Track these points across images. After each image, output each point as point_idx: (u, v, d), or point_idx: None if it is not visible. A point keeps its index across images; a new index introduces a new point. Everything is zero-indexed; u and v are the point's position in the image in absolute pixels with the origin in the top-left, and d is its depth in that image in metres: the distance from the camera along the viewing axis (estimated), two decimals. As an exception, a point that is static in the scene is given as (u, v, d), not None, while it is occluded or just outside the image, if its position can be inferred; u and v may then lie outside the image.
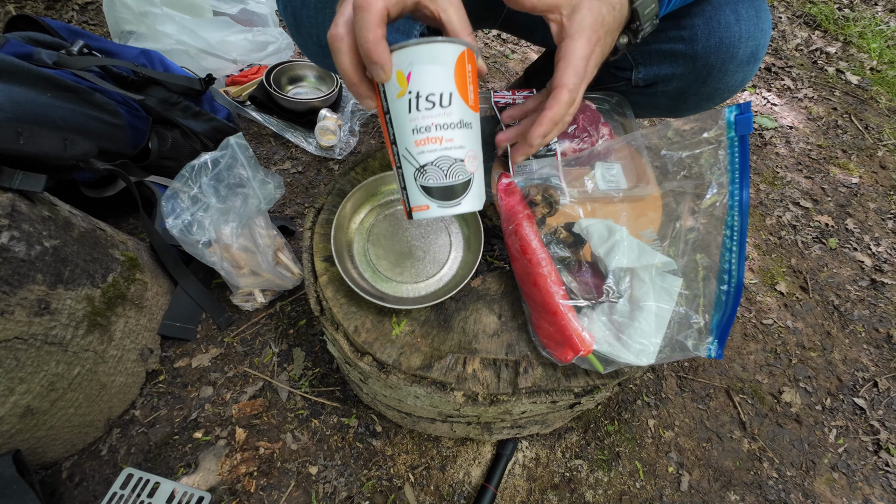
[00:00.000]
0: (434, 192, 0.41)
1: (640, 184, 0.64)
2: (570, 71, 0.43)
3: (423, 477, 0.79)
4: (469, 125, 0.41)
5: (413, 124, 0.39)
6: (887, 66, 1.87)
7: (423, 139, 0.40)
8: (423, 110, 0.39)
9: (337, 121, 1.19)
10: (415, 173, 0.41)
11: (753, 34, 0.62)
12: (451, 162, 0.41)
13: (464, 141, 0.41)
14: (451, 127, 0.40)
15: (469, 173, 0.42)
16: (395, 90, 0.39)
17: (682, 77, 0.67)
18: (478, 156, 0.43)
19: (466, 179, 0.42)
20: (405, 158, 0.41)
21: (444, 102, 0.39)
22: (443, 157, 0.40)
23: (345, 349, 0.57)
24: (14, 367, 0.59)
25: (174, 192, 0.78)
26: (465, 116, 0.40)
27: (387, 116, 0.41)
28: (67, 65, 0.80)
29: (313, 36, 0.64)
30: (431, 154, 0.40)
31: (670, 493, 0.83)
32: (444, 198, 0.42)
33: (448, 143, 0.40)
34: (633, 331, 0.49)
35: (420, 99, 0.39)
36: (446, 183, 0.41)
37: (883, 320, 1.12)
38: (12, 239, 0.57)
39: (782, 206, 1.34)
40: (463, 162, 0.41)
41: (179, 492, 0.71)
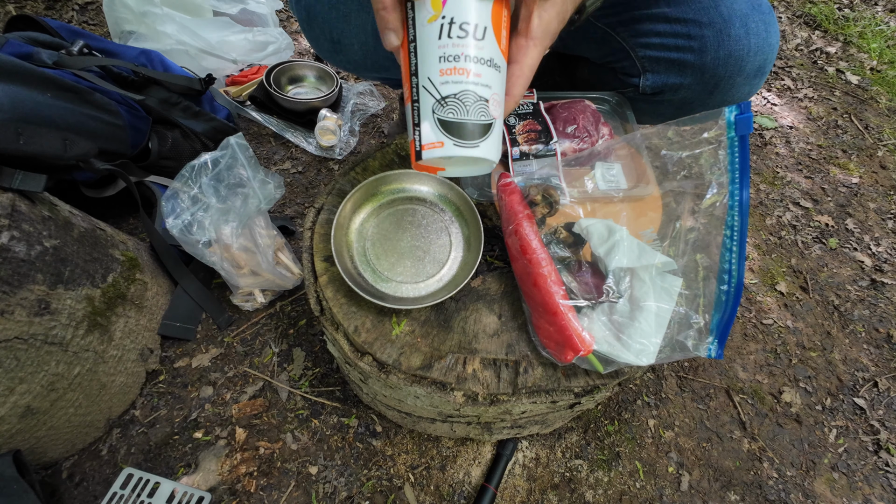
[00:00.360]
0: (452, 127, 0.37)
1: (641, 184, 0.65)
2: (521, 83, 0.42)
3: (423, 477, 0.79)
4: (499, 68, 0.38)
5: (441, 51, 0.36)
6: (887, 65, 1.87)
7: (451, 69, 0.36)
8: (454, 38, 0.36)
9: (337, 121, 1.19)
10: (434, 105, 0.37)
11: (762, 48, 0.62)
12: (476, 99, 0.37)
13: (491, 81, 0.38)
14: (481, 62, 0.37)
15: (492, 117, 0.38)
16: (426, 14, 0.36)
17: (690, 87, 0.67)
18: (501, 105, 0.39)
19: (489, 122, 0.38)
20: (425, 89, 0.37)
21: (479, 35, 0.36)
22: (468, 91, 0.37)
23: (345, 349, 0.57)
24: (14, 367, 0.59)
25: (174, 192, 0.78)
26: (496, 57, 0.38)
27: (411, 45, 0.38)
28: (67, 65, 0.80)
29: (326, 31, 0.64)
30: (456, 86, 0.37)
31: (670, 493, 0.83)
32: (461, 136, 0.37)
33: (476, 77, 0.37)
34: (633, 331, 0.49)
35: (453, 26, 0.36)
36: (467, 119, 0.37)
37: (883, 320, 1.12)
38: (12, 239, 0.57)
39: (782, 206, 1.34)
40: (487, 103, 0.37)
41: (179, 492, 0.71)
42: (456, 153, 0.37)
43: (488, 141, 0.38)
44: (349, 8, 0.60)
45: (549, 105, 0.70)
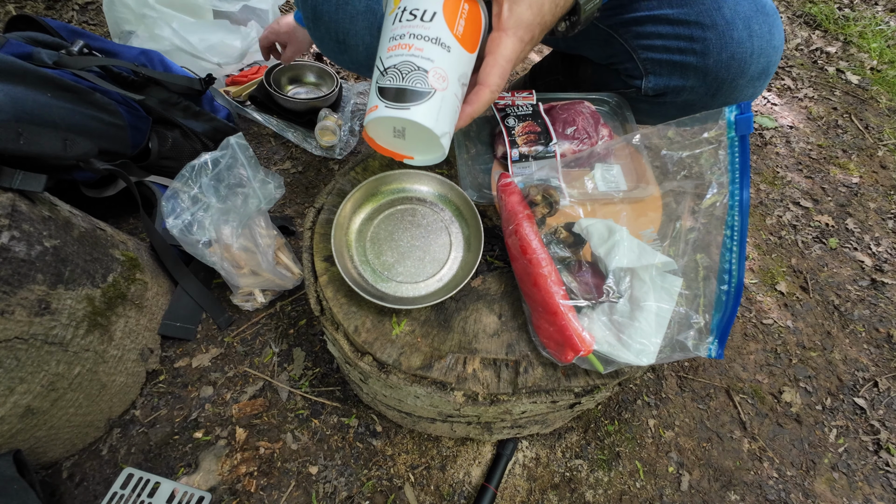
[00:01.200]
0: (386, 92, 0.40)
1: (640, 184, 0.65)
2: (497, 72, 0.43)
3: (424, 477, 0.79)
4: (448, 48, 0.41)
5: (392, 33, 0.41)
6: (887, 65, 1.87)
7: (395, 45, 0.41)
8: (404, 21, 0.41)
9: (337, 121, 1.19)
10: (377, 77, 0.41)
11: (766, 51, 0.61)
12: (413, 68, 0.40)
13: (435, 57, 0.40)
14: (424, 39, 0.40)
15: (430, 87, 0.40)
16: (389, 9, 0.43)
17: (692, 90, 0.67)
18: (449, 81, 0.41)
19: (424, 90, 0.40)
20: (376, 68, 0.42)
21: (426, 18, 0.40)
22: (406, 61, 0.40)
23: (345, 349, 0.57)
24: (14, 367, 0.59)
25: (174, 192, 0.78)
26: (444, 38, 0.40)
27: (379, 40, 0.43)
28: (67, 65, 0.80)
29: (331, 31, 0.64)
30: (397, 58, 0.40)
31: (670, 493, 0.83)
32: (391, 98, 0.40)
33: (417, 51, 0.40)
34: (633, 331, 0.49)
35: (405, 12, 0.41)
36: (401, 85, 0.40)
37: (883, 320, 1.12)
38: (12, 239, 0.57)
39: (782, 205, 1.34)
40: (426, 73, 0.40)
41: (180, 492, 0.71)
42: (386, 114, 0.40)
43: (422, 106, 0.40)
44: (356, 9, 0.60)
45: (548, 106, 0.70)
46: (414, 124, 0.40)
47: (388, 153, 0.46)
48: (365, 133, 0.44)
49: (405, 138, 0.44)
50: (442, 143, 0.42)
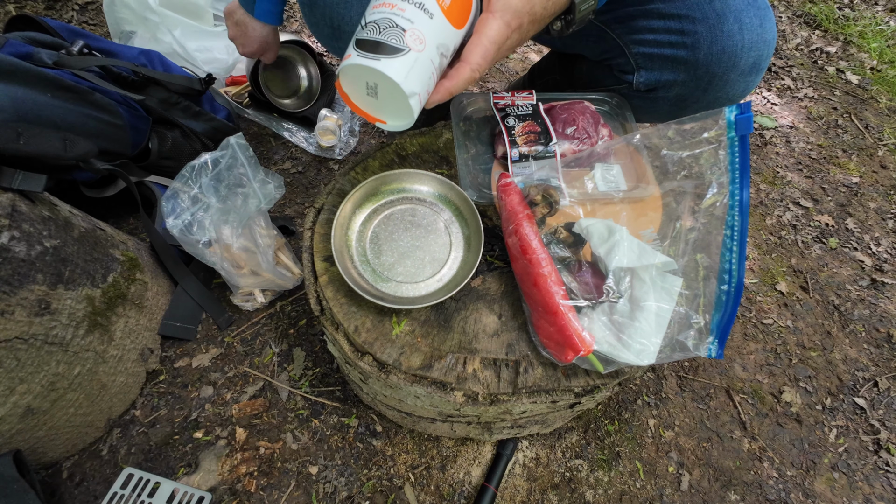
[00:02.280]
0: (362, 44, 0.41)
1: (640, 184, 0.65)
2: (479, 52, 0.43)
3: (424, 477, 0.79)
4: (430, 14, 0.41)
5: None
6: (887, 65, 1.87)
7: (379, 4, 0.42)
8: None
9: (337, 121, 1.19)
10: (357, 31, 0.42)
11: (756, 44, 0.61)
12: (391, 25, 0.41)
13: (414, 18, 0.41)
14: (408, 1, 0.41)
15: (405, 45, 0.40)
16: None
17: (684, 84, 0.67)
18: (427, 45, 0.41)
19: (398, 47, 0.40)
20: (359, 25, 0.43)
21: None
22: (385, 18, 0.41)
23: (345, 349, 0.57)
24: (14, 367, 0.59)
25: (174, 192, 0.78)
26: (427, 4, 0.41)
27: None
28: (67, 65, 0.80)
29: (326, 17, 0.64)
30: (378, 14, 0.41)
31: (670, 493, 0.83)
32: (366, 49, 0.41)
33: (399, 10, 0.41)
34: (633, 331, 0.49)
35: None
36: (376, 38, 0.41)
37: (883, 320, 1.12)
38: (12, 239, 0.57)
39: (782, 205, 1.34)
40: (404, 32, 0.41)
41: (180, 492, 0.71)
42: (356, 62, 0.41)
43: (393, 61, 0.40)
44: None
45: (548, 106, 0.70)
46: (383, 76, 0.41)
47: (361, 112, 0.47)
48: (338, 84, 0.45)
49: (377, 97, 0.44)
50: (411, 103, 0.42)
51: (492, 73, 1.57)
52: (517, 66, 1.62)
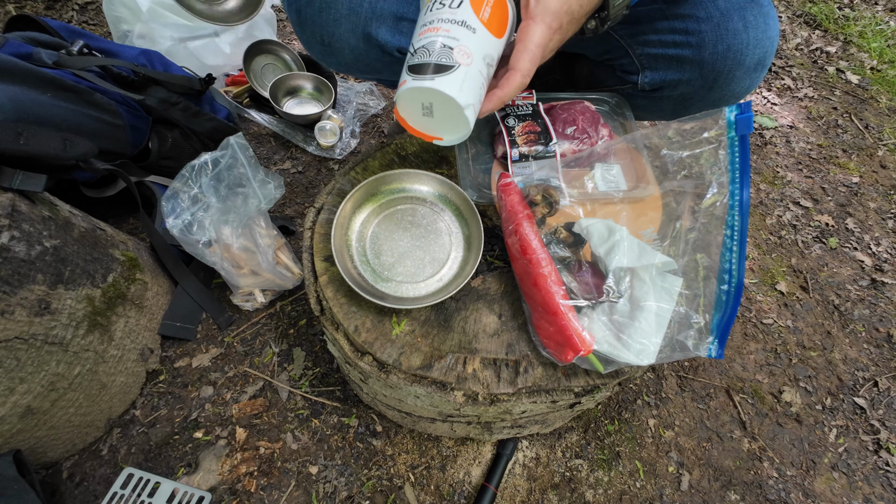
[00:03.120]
0: (415, 69, 0.44)
1: (640, 184, 0.64)
2: (527, 57, 0.45)
3: (424, 476, 0.79)
4: (472, 30, 0.44)
5: (423, 21, 0.46)
6: (887, 65, 1.87)
7: (425, 30, 0.45)
8: (434, 10, 0.45)
9: (338, 122, 1.19)
10: (408, 58, 0.45)
11: (761, 41, 0.61)
12: (440, 46, 0.43)
13: (460, 36, 0.44)
14: (451, 22, 0.44)
15: (454, 62, 0.43)
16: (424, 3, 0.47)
17: (689, 83, 0.67)
18: (474, 58, 0.44)
19: (449, 64, 0.43)
20: (409, 52, 0.46)
21: (454, 5, 0.44)
22: (432, 41, 0.44)
23: (345, 349, 0.57)
24: (14, 367, 0.59)
25: (174, 192, 0.78)
26: (469, 20, 0.44)
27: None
28: (67, 65, 0.80)
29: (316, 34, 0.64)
30: (426, 40, 0.44)
31: (670, 493, 0.83)
32: (418, 72, 0.44)
33: (444, 32, 0.44)
34: (633, 331, 0.49)
35: (435, 3, 0.45)
36: (427, 60, 0.44)
37: (883, 320, 1.12)
38: (12, 239, 0.57)
39: (782, 205, 1.34)
40: (451, 50, 0.43)
41: (180, 491, 0.71)
42: (412, 85, 0.43)
43: (446, 77, 0.43)
44: (339, 12, 0.60)
45: (548, 106, 0.70)
46: (438, 94, 0.43)
47: (418, 134, 0.49)
48: (396, 112, 0.48)
49: (433, 115, 0.47)
50: (466, 115, 0.44)
51: (492, 72, 1.56)
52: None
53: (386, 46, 0.64)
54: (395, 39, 0.65)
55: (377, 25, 0.62)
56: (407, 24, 0.64)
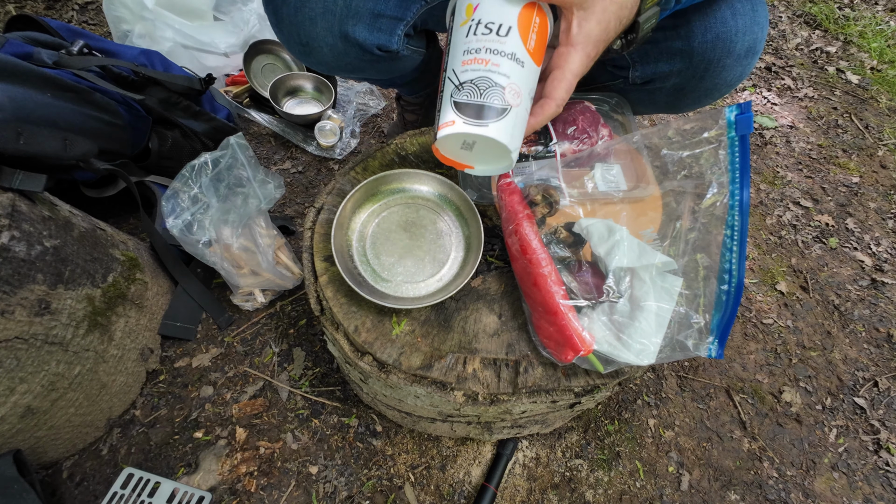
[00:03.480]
0: (464, 108, 0.40)
1: (640, 184, 0.64)
2: (563, 86, 0.44)
3: (424, 476, 0.79)
4: (521, 63, 0.41)
5: (466, 46, 0.41)
6: (888, 65, 1.87)
7: (471, 59, 0.41)
8: (479, 35, 0.41)
9: (338, 122, 1.19)
10: (453, 90, 0.41)
11: (750, 28, 0.61)
12: (491, 84, 0.40)
13: (510, 72, 0.40)
14: (501, 54, 0.40)
15: (506, 103, 0.40)
16: (460, 19, 0.42)
17: (680, 73, 0.67)
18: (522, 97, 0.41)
19: (503, 107, 0.40)
20: (448, 79, 0.42)
21: (502, 32, 0.40)
22: (484, 77, 0.40)
23: (345, 349, 0.57)
24: (15, 367, 0.59)
25: (174, 192, 0.78)
26: (518, 53, 0.41)
27: (448, 49, 0.43)
28: (67, 65, 0.80)
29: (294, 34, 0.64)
30: (474, 73, 0.40)
31: (670, 493, 0.83)
32: (470, 115, 0.40)
33: (494, 66, 0.40)
34: (633, 331, 0.49)
35: (480, 25, 0.41)
36: (479, 101, 0.40)
37: (883, 320, 1.12)
38: (13, 239, 0.57)
39: (782, 205, 1.34)
40: (503, 89, 0.40)
41: (180, 491, 0.71)
42: (465, 130, 0.40)
43: (500, 123, 0.40)
44: (314, 11, 0.60)
45: (549, 105, 0.70)
46: (490, 140, 0.41)
47: (450, 163, 0.47)
48: (434, 147, 0.44)
49: (472, 150, 0.44)
50: (513, 157, 0.43)
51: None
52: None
53: (364, 45, 0.64)
54: (374, 37, 0.64)
55: (353, 23, 0.61)
56: (385, 20, 0.64)
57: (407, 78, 0.86)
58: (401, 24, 0.66)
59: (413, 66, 0.80)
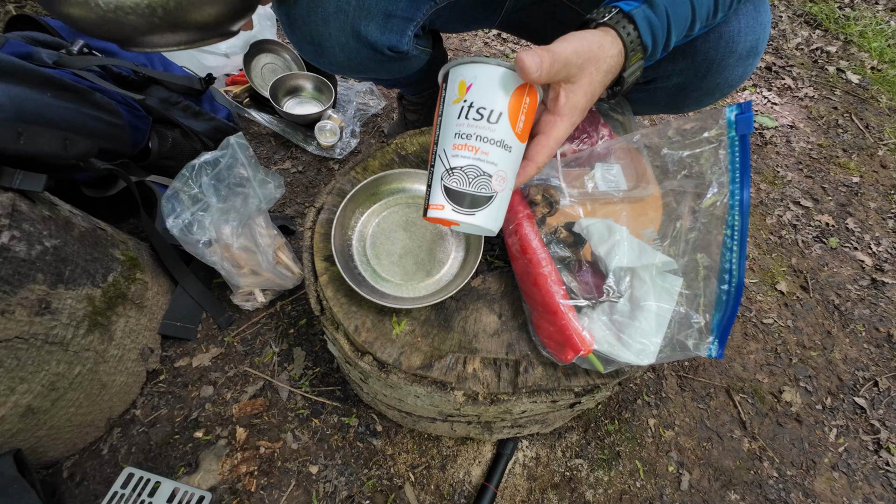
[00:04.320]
0: (453, 195, 0.43)
1: (641, 184, 0.64)
2: (546, 152, 0.45)
3: (424, 476, 0.79)
4: (509, 149, 0.43)
5: (458, 129, 0.42)
6: (888, 65, 1.87)
7: (462, 144, 0.42)
8: (470, 119, 0.42)
9: (338, 122, 1.19)
10: (443, 173, 0.43)
11: (753, 27, 0.61)
12: (479, 173, 0.42)
13: (498, 160, 0.43)
14: (490, 142, 0.42)
15: (493, 191, 0.43)
16: (452, 96, 0.43)
17: (682, 73, 0.67)
18: (508, 180, 0.44)
19: (488, 195, 0.43)
20: (440, 158, 0.43)
21: (492, 119, 0.42)
22: (473, 165, 0.42)
23: (345, 349, 0.57)
24: (15, 367, 0.59)
25: (174, 192, 0.78)
26: (507, 139, 0.43)
27: (439, 119, 0.45)
28: (67, 64, 0.80)
29: (306, 35, 0.64)
30: (464, 160, 0.42)
31: (670, 493, 0.83)
32: (459, 203, 0.43)
33: (483, 155, 0.42)
34: (633, 330, 0.49)
35: (472, 109, 0.42)
36: (467, 190, 0.42)
37: (883, 319, 1.12)
38: (13, 238, 0.57)
39: (783, 205, 1.34)
40: (490, 178, 0.43)
41: (180, 491, 0.71)
42: (453, 217, 0.43)
43: (485, 211, 0.43)
44: (327, 11, 0.60)
45: (549, 104, 0.70)
46: (477, 227, 0.44)
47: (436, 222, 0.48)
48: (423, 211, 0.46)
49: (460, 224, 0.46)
50: (494, 232, 0.45)
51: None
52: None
53: (376, 44, 0.64)
54: (385, 37, 0.64)
55: (366, 23, 0.61)
56: (396, 21, 0.64)
57: (412, 78, 0.86)
58: (411, 24, 0.66)
59: (419, 66, 0.81)
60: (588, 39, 0.43)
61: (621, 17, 0.45)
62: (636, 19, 0.45)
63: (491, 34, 1.71)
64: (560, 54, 0.41)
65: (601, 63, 0.44)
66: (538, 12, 0.80)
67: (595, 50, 0.43)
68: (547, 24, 0.82)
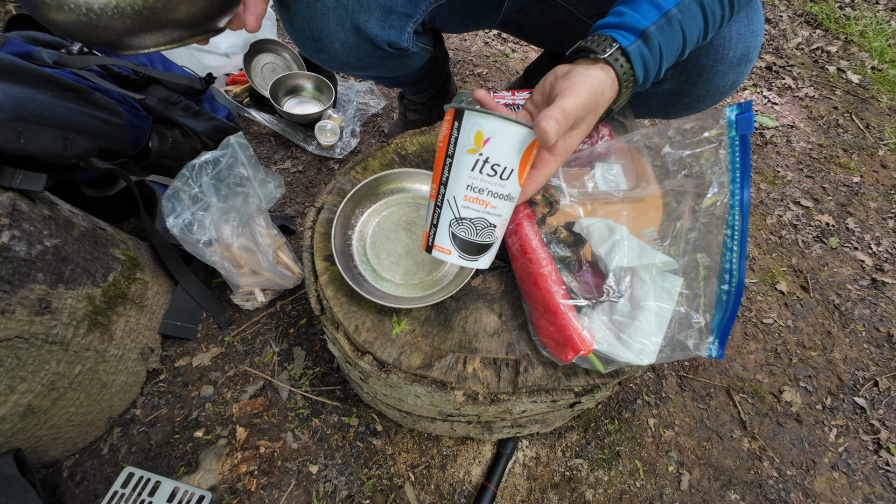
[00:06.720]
0: (460, 243, 0.46)
1: (641, 184, 0.64)
2: (535, 186, 0.49)
3: (424, 476, 0.79)
4: (513, 199, 0.46)
5: (471, 181, 0.43)
6: (888, 65, 1.86)
7: (474, 198, 0.44)
8: (484, 174, 0.43)
9: (339, 122, 1.19)
10: (451, 220, 0.45)
11: (744, 36, 0.61)
12: (486, 225, 0.45)
13: (503, 211, 0.46)
14: (500, 197, 0.44)
15: (495, 238, 0.47)
16: (467, 144, 0.43)
17: (673, 78, 0.67)
18: (506, 223, 0.47)
19: (490, 243, 0.47)
20: (448, 203, 0.45)
21: (504, 176, 0.44)
22: (482, 218, 0.45)
23: (345, 348, 0.57)
24: (15, 366, 0.59)
25: (175, 192, 0.78)
26: (513, 192, 0.45)
27: (447, 159, 0.45)
28: (68, 64, 0.80)
29: (306, 30, 0.64)
30: (474, 212, 0.44)
31: (670, 493, 0.83)
32: (466, 251, 0.46)
33: (492, 209, 0.45)
34: (633, 330, 0.49)
35: (486, 164, 0.43)
36: (474, 240, 0.46)
37: (883, 319, 1.12)
38: (13, 238, 0.57)
39: (783, 205, 1.34)
40: (494, 228, 0.46)
41: (180, 490, 0.71)
42: (459, 262, 0.47)
43: (486, 256, 0.48)
44: (326, 6, 0.60)
45: (549, 104, 0.70)
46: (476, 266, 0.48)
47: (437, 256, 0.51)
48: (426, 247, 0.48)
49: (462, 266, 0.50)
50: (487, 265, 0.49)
51: (492, 72, 1.57)
52: (517, 65, 1.62)
53: (376, 40, 0.64)
54: (385, 33, 0.64)
55: (366, 17, 0.61)
56: (396, 16, 0.64)
57: (413, 77, 0.86)
58: (411, 20, 0.66)
59: (420, 65, 0.81)
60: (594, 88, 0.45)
61: (619, 55, 0.47)
62: (631, 57, 0.47)
63: (491, 34, 1.71)
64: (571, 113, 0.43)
65: (600, 109, 0.48)
66: (536, 13, 0.80)
67: (598, 99, 0.46)
68: (545, 25, 0.82)
